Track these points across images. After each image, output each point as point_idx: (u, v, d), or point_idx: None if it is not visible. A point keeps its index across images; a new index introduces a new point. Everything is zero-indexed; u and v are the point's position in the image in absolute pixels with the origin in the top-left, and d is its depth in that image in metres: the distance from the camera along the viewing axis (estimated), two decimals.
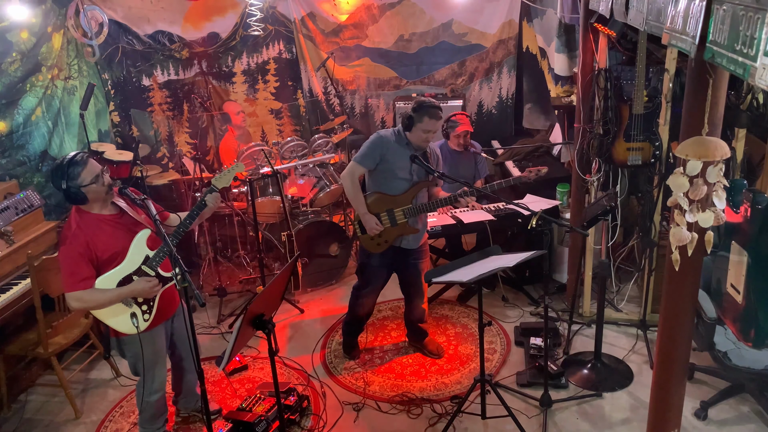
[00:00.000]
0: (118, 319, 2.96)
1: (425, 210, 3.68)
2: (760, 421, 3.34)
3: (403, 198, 3.65)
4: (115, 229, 2.95)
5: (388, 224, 3.68)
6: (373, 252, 3.78)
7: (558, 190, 4.73)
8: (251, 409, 3.47)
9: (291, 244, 4.64)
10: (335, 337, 4.42)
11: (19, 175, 4.54)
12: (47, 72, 4.89)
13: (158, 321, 3.11)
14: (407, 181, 3.65)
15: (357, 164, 3.64)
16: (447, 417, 3.49)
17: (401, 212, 3.65)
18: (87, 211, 2.92)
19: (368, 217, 3.65)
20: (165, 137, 6.09)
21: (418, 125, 3.52)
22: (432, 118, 3.49)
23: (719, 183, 2.19)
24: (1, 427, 3.71)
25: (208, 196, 3.05)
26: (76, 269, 2.83)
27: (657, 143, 3.82)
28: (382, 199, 3.67)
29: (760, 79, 1.45)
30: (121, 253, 2.92)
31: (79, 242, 2.83)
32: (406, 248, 3.79)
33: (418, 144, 3.59)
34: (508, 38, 6.12)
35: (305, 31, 6.05)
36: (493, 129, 6.35)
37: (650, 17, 2.35)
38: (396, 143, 3.61)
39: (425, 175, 3.67)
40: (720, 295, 3.16)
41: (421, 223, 3.80)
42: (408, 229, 3.71)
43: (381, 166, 3.63)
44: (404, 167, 3.61)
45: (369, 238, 3.72)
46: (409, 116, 3.55)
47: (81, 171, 2.80)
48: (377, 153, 3.60)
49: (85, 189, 2.82)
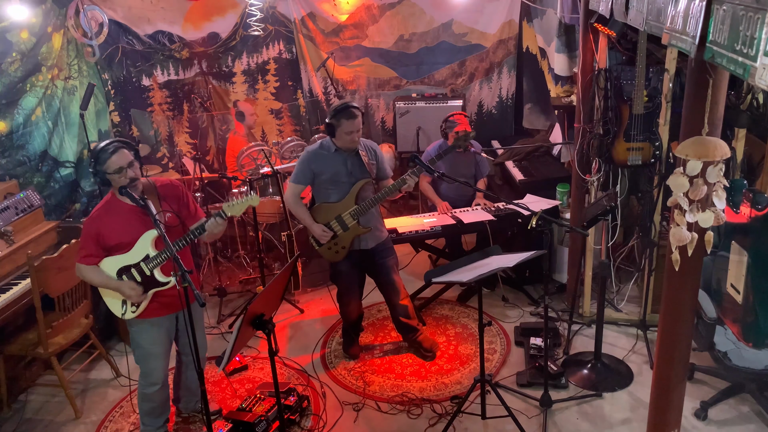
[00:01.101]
0: (112, 301, 3.16)
1: (371, 205, 3.73)
2: (760, 421, 3.34)
3: (347, 201, 3.73)
4: (133, 220, 3.04)
5: (340, 230, 3.76)
6: (335, 260, 3.87)
7: (558, 190, 4.73)
8: (251, 409, 3.47)
9: (291, 244, 4.64)
10: (335, 337, 4.42)
11: (19, 175, 4.54)
12: (47, 72, 4.89)
13: (157, 313, 3.16)
14: (347, 184, 3.73)
15: (293, 184, 3.81)
16: (447, 417, 3.49)
17: (348, 215, 3.73)
18: (115, 196, 3.08)
19: (315, 227, 3.76)
20: (165, 137, 6.08)
21: (339, 129, 3.61)
22: (349, 118, 3.58)
23: (719, 183, 2.19)
24: (1, 427, 3.71)
25: (211, 220, 3.00)
26: (84, 244, 3.06)
27: (657, 143, 3.82)
28: (328, 208, 3.77)
29: (760, 79, 1.45)
30: (129, 244, 3.05)
31: (94, 224, 3.04)
32: (365, 249, 3.86)
33: (346, 146, 3.68)
34: (508, 38, 6.12)
35: (305, 31, 6.05)
36: (493, 129, 6.35)
37: (650, 17, 2.35)
38: (324, 153, 3.73)
39: (363, 174, 3.74)
40: (720, 295, 3.16)
41: (375, 221, 3.85)
42: (360, 229, 3.78)
43: (318, 179, 3.75)
44: (340, 172, 3.71)
45: (327, 249, 3.82)
46: (328, 124, 3.64)
47: (107, 159, 2.95)
48: (308, 168, 3.74)
49: (109, 176, 2.97)
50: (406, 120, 5.98)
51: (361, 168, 3.74)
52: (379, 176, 3.86)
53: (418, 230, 4.40)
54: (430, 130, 5.83)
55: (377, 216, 3.91)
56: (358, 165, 3.74)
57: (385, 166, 3.90)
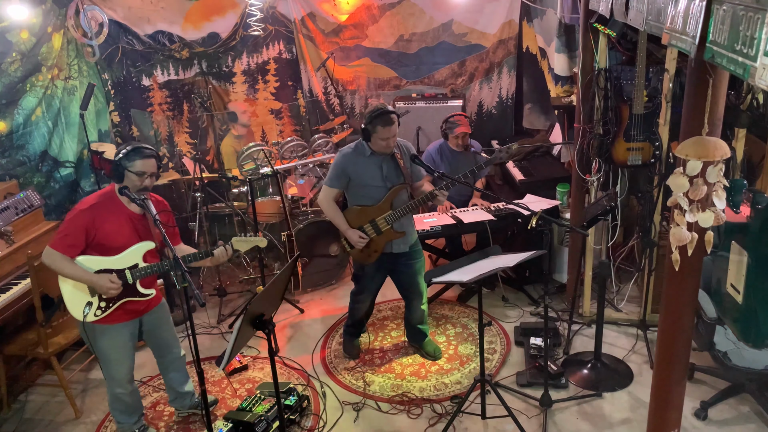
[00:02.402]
0: (74, 300, 3.07)
1: (405, 212, 3.69)
2: (760, 421, 3.34)
3: (382, 205, 3.68)
4: (128, 226, 3.06)
5: (374, 234, 3.72)
6: (366, 263, 3.83)
7: (558, 190, 4.73)
8: (251, 409, 3.47)
9: (291, 244, 4.64)
10: (335, 337, 4.42)
11: (19, 175, 4.54)
12: (47, 72, 4.89)
13: (120, 319, 3.16)
14: (383, 189, 3.67)
15: (328, 188, 3.75)
16: (447, 417, 3.49)
17: (383, 220, 3.69)
18: (117, 196, 3.07)
19: (351, 233, 3.70)
20: (165, 137, 6.08)
21: (374, 135, 3.55)
22: (385, 125, 3.50)
23: (719, 183, 2.19)
24: (1, 427, 3.71)
25: (220, 249, 3.16)
26: (70, 233, 2.97)
27: (657, 143, 3.82)
28: (362, 211, 3.72)
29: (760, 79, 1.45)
30: (118, 249, 3.04)
31: (89, 216, 2.98)
32: (396, 252, 3.82)
33: (381, 151, 3.62)
34: (508, 38, 6.12)
35: (305, 31, 6.05)
36: (493, 129, 6.34)
37: (650, 17, 2.35)
38: (359, 156, 3.67)
39: (398, 179, 3.68)
40: (720, 295, 3.16)
41: (407, 225, 3.81)
42: (394, 234, 3.73)
43: (352, 182, 3.70)
44: (375, 176, 3.65)
45: (359, 252, 3.77)
46: (364, 129, 3.59)
47: (137, 159, 3.00)
48: (342, 172, 3.69)
49: (127, 174, 3.00)
50: (406, 120, 5.96)
51: (397, 172, 3.66)
52: (414, 179, 3.78)
53: (418, 230, 4.39)
54: (430, 130, 5.83)
55: (410, 219, 3.85)
56: (394, 169, 3.66)
57: (419, 168, 3.83)
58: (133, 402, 3.39)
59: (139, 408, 3.46)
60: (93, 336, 3.14)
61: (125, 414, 3.39)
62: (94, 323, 3.10)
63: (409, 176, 3.71)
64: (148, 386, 3.94)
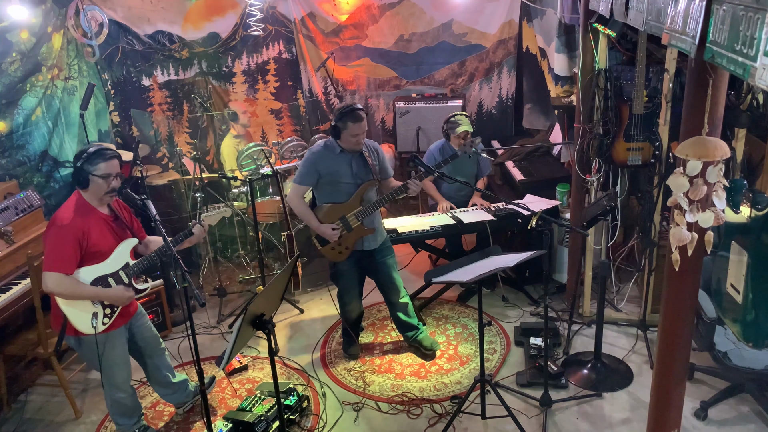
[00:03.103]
0: (79, 316, 3.00)
1: (375, 208, 3.75)
2: (760, 421, 3.34)
3: (352, 202, 3.73)
4: (106, 230, 3.05)
5: (344, 231, 3.76)
6: (338, 260, 3.87)
7: (558, 190, 4.73)
8: (251, 409, 3.47)
9: (291, 244, 4.64)
10: (335, 337, 4.42)
11: (19, 175, 4.54)
12: (47, 72, 4.89)
13: (118, 324, 3.17)
14: (352, 185, 3.73)
15: (297, 185, 3.78)
16: (447, 417, 3.49)
17: (353, 216, 3.73)
18: (88, 202, 3.02)
19: (323, 228, 3.74)
20: (165, 137, 6.08)
21: (344, 132, 3.60)
22: (355, 121, 3.57)
23: (719, 183, 2.19)
24: (1, 427, 3.71)
25: (197, 226, 3.23)
26: (65, 250, 2.87)
27: (657, 143, 3.82)
28: (332, 209, 3.76)
29: (760, 79, 1.45)
30: (107, 253, 3.04)
31: (76, 226, 2.91)
32: (368, 249, 3.87)
33: (351, 148, 3.67)
34: (508, 38, 6.12)
35: (305, 31, 6.05)
36: (493, 129, 6.34)
37: (650, 17, 2.35)
38: (329, 153, 3.71)
39: (367, 176, 3.74)
40: (720, 295, 3.16)
41: (377, 222, 3.87)
42: (364, 230, 3.79)
43: (322, 180, 3.74)
44: (345, 173, 3.71)
45: (330, 249, 3.82)
46: (333, 126, 3.63)
47: (100, 162, 2.94)
48: (313, 169, 3.72)
49: (91, 178, 2.94)
50: (406, 120, 5.98)
51: (366, 169, 3.75)
52: (381, 176, 3.86)
53: (418, 230, 4.40)
54: (430, 130, 5.83)
55: (378, 216, 3.92)
56: (363, 166, 3.74)
57: (386, 166, 3.91)
58: (132, 404, 3.39)
59: (138, 408, 3.47)
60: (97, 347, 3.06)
61: (125, 416, 3.39)
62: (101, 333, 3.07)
63: (377, 173, 3.78)
64: (148, 386, 3.93)
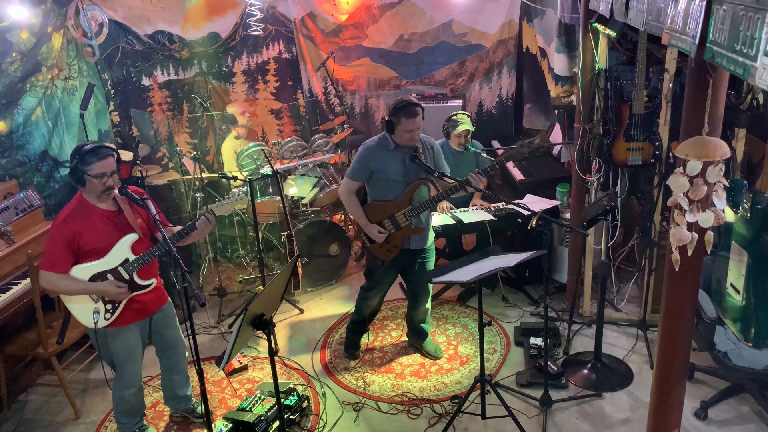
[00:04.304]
0: (81, 310, 3.05)
1: (425, 207, 3.66)
2: (760, 421, 3.34)
3: (402, 200, 3.65)
4: (107, 225, 3.03)
5: (393, 229, 3.68)
6: (385, 259, 3.78)
7: (558, 190, 4.73)
8: (251, 409, 3.47)
9: (291, 244, 4.64)
10: (335, 337, 4.42)
11: (19, 175, 4.54)
12: (47, 72, 4.89)
13: (131, 320, 3.16)
14: (403, 183, 3.64)
15: (349, 180, 3.71)
16: (447, 417, 3.49)
17: (402, 215, 3.65)
18: (87, 200, 3.02)
19: (370, 227, 3.67)
20: (165, 137, 6.08)
21: (398, 127, 3.53)
22: (409, 117, 3.48)
23: (719, 183, 2.19)
24: (1, 427, 3.71)
25: (201, 219, 3.13)
26: (55, 252, 2.94)
27: (657, 143, 3.82)
28: (382, 206, 3.68)
29: (760, 79, 1.45)
30: (103, 250, 3.02)
31: (67, 229, 2.94)
32: (414, 249, 3.79)
33: (405, 143, 3.59)
34: (508, 38, 6.12)
35: (305, 31, 6.05)
36: (493, 129, 6.34)
37: (650, 17, 2.35)
38: (383, 149, 3.63)
39: (419, 174, 3.65)
40: (720, 295, 3.16)
41: (426, 222, 3.78)
42: (413, 230, 3.70)
43: (374, 176, 3.67)
44: (397, 171, 3.62)
45: (378, 247, 3.73)
46: (388, 121, 3.56)
47: (94, 162, 2.91)
48: (366, 165, 3.65)
49: (87, 177, 2.93)
50: None
51: (419, 168, 3.61)
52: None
53: None
54: (430, 130, 5.77)
55: (429, 216, 3.82)
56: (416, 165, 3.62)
57: (442, 163, 3.78)
58: (137, 403, 3.39)
59: (142, 408, 3.46)
60: (105, 340, 3.13)
61: (128, 415, 3.39)
62: (106, 327, 3.09)
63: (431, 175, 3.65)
64: (148, 386, 3.93)
